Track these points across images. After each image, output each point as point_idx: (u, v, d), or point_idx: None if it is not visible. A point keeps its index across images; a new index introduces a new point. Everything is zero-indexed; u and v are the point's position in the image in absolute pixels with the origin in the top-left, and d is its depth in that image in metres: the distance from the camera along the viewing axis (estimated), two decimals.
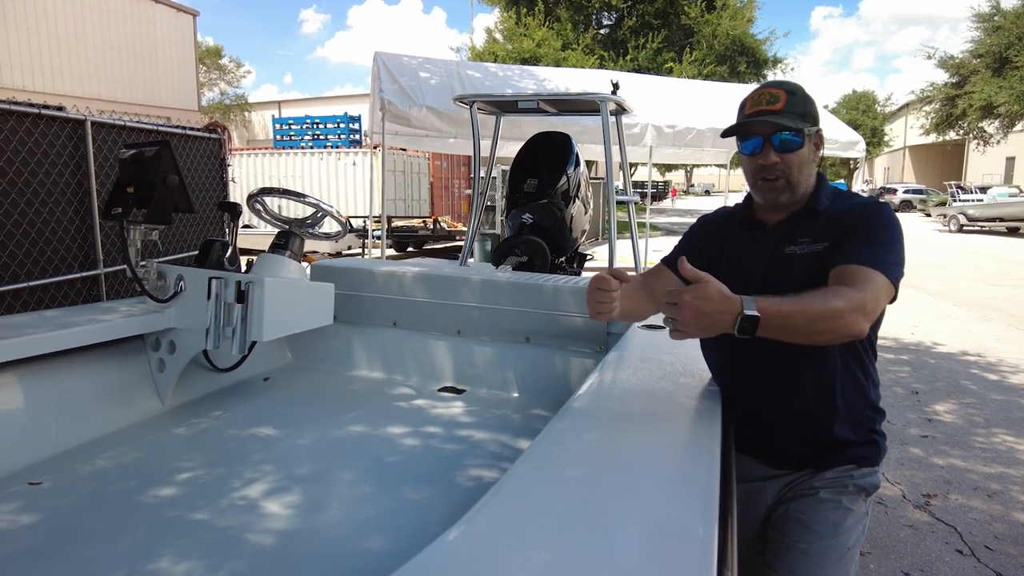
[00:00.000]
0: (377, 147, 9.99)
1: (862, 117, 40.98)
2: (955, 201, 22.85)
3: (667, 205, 39.71)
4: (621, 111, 4.18)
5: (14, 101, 3.42)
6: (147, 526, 1.43)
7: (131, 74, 18.11)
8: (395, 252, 13.42)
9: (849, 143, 9.09)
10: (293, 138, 16.32)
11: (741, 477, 1.48)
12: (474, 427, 2.07)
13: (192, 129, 4.67)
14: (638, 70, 19.03)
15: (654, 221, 22.13)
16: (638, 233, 4.47)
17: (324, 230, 2.28)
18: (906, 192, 31.11)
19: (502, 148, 4.90)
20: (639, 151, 8.21)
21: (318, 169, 14.60)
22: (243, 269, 2.20)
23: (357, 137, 15.94)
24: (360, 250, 12.19)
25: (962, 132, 26.69)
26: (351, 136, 15.89)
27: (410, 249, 13.82)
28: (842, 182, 30.98)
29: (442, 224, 14.46)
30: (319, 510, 1.52)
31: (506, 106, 4.34)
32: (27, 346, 1.71)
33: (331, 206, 2.21)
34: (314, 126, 16.25)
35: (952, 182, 26.26)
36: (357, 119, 16.07)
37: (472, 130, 4.39)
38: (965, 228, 20.69)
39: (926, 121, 26.94)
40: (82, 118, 3.72)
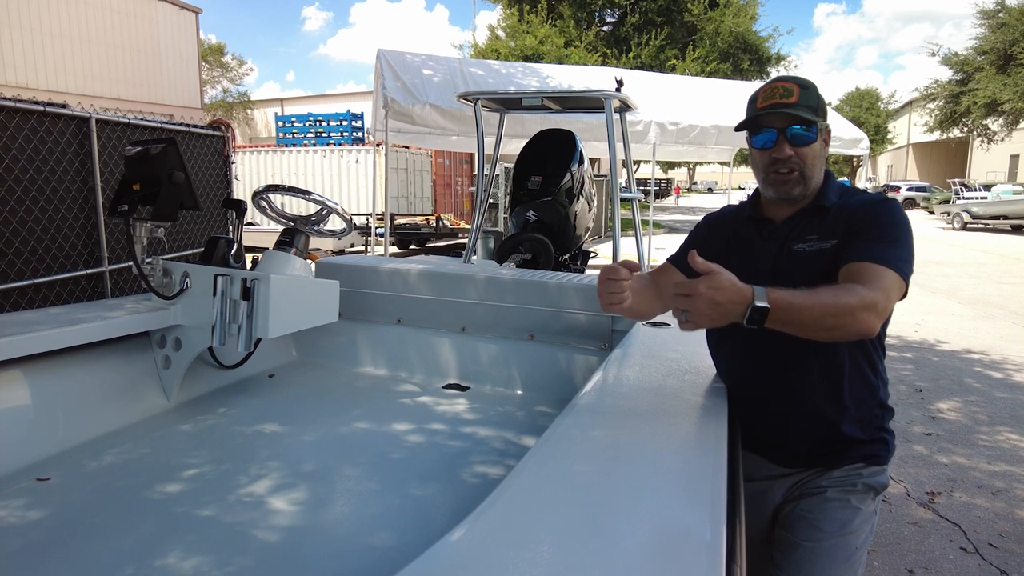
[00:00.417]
0: (380, 144, 9.98)
1: (865, 114, 40.86)
2: (959, 199, 22.76)
3: (670, 203, 39.59)
4: (625, 108, 4.18)
5: (19, 99, 3.43)
6: (154, 522, 1.44)
7: (134, 72, 18.10)
8: (398, 250, 13.43)
9: (853, 141, 9.05)
10: (296, 135, 16.33)
11: (749, 476, 1.47)
12: (478, 424, 2.07)
13: (196, 127, 4.67)
14: (641, 67, 18.98)
15: (657, 219, 22.12)
16: (641, 230, 4.46)
17: (329, 227, 2.29)
18: (909, 190, 31.01)
19: (505, 145, 4.89)
20: (642, 148, 8.18)
21: (321, 166, 14.59)
22: (248, 266, 2.20)
23: (360, 134, 15.94)
24: (363, 247, 12.20)
25: (966, 129, 26.62)
26: (354, 133, 15.88)
27: (413, 247, 13.83)
28: (845, 179, 30.76)
29: (445, 222, 14.47)
30: (324, 506, 1.52)
31: (510, 103, 4.33)
32: (33, 343, 1.72)
33: (336, 203, 2.21)
34: (317, 123, 16.24)
35: (956, 180, 26.18)
36: (360, 116, 16.07)
37: (476, 127, 4.39)
38: (969, 226, 20.64)
39: (930, 118, 26.88)
40: (87, 115, 3.72)
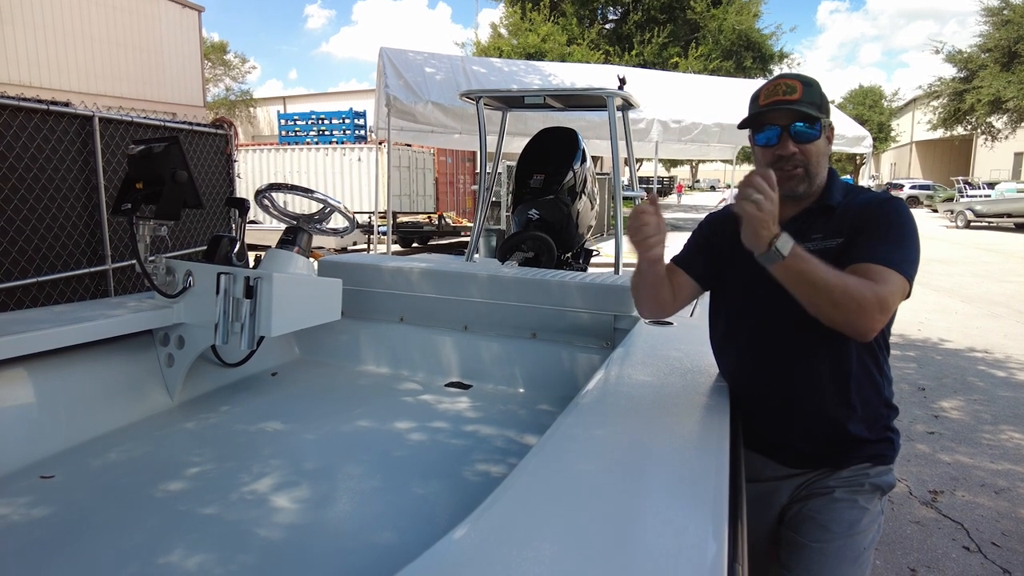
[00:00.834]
0: (382, 143, 9.99)
1: (869, 112, 40.73)
2: (962, 197, 22.68)
3: (672, 201, 39.52)
4: (628, 106, 4.17)
5: (22, 97, 3.43)
6: (157, 520, 1.44)
7: (136, 70, 18.12)
8: (400, 248, 13.43)
9: (856, 138, 9.02)
10: (298, 134, 16.36)
11: (756, 477, 1.47)
12: (481, 422, 2.07)
13: (199, 125, 4.68)
14: (643, 65, 18.93)
15: None
16: None
17: (332, 225, 2.29)
18: (913, 188, 30.91)
19: (508, 144, 4.90)
20: (645, 146, 8.17)
21: (323, 165, 14.61)
22: (251, 265, 2.21)
23: (362, 133, 15.97)
24: (365, 246, 12.21)
25: (970, 127, 26.55)
26: (356, 132, 15.91)
27: (415, 245, 13.84)
28: (848, 178, 30.77)
29: (447, 220, 14.48)
30: (327, 505, 1.53)
31: (512, 101, 4.33)
32: (37, 341, 1.73)
33: (339, 201, 2.21)
34: (319, 122, 16.28)
35: (959, 178, 26.06)
36: (362, 115, 16.09)
37: (478, 125, 4.39)
38: (972, 224, 20.59)
39: (933, 116, 26.79)
40: (90, 114, 3.73)
